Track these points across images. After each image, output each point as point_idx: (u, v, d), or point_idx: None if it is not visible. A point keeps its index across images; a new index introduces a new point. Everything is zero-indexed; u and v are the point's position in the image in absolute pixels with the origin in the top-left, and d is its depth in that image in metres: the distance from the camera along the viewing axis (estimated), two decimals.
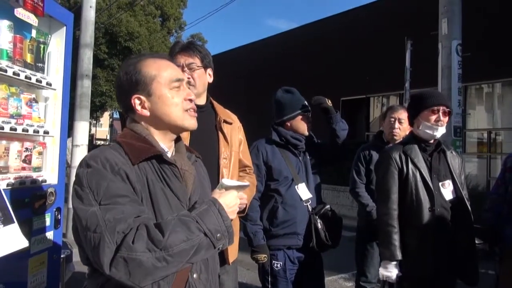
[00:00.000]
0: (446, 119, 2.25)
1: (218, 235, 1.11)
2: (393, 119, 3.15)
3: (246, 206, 1.94)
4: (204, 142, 1.89)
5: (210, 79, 2.03)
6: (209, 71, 2.02)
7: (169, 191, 1.21)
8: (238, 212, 1.96)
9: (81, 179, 1.11)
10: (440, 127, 2.22)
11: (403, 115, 3.11)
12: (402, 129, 3.12)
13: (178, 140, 1.36)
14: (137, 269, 1.00)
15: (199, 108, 1.95)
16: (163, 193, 1.19)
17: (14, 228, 1.12)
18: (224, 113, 2.08)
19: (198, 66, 1.94)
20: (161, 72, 1.26)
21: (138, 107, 1.25)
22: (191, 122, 1.29)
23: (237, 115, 2.19)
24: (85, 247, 1.08)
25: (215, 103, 2.09)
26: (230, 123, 2.07)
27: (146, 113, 1.25)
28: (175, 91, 1.27)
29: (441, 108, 2.22)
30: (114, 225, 1.02)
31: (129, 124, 1.30)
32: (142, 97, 1.25)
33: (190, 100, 1.29)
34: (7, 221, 1.12)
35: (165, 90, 1.25)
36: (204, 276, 1.25)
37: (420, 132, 2.28)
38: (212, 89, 2.08)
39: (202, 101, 1.99)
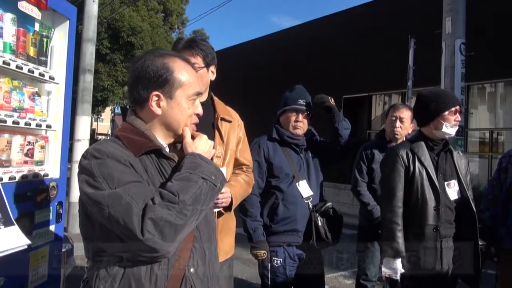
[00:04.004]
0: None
1: (213, 177, 1.22)
2: (394, 118, 3.14)
3: (230, 201, 1.90)
4: None
5: (213, 77, 2.00)
6: (212, 68, 1.98)
7: None
8: (224, 209, 1.91)
9: (91, 170, 1.13)
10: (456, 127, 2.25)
11: (404, 113, 3.10)
12: (403, 128, 3.11)
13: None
14: (166, 227, 1.08)
15: None
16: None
17: (15, 229, 1.14)
18: (223, 110, 2.04)
19: (200, 67, 1.90)
20: (189, 82, 1.30)
21: (153, 103, 1.26)
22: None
23: (237, 110, 2.17)
24: (107, 225, 1.10)
25: (216, 99, 2.06)
26: (229, 121, 2.03)
27: (159, 111, 1.27)
28: (191, 103, 1.32)
29: (458, 107, 2.25)
30: (138, 196, 1.10)
31: (129, 117, 1.31)
32: (162, 96, 1.26)
33: (197, 115, 1.35)
34: (7, 223, 1.13)
35: (185, 99, 1.30)
36: (201, 271, 1.27)
37: (438, 133, 2.24)
38: (213, 85, 2.05)
39: (203, 98, 1.96)
